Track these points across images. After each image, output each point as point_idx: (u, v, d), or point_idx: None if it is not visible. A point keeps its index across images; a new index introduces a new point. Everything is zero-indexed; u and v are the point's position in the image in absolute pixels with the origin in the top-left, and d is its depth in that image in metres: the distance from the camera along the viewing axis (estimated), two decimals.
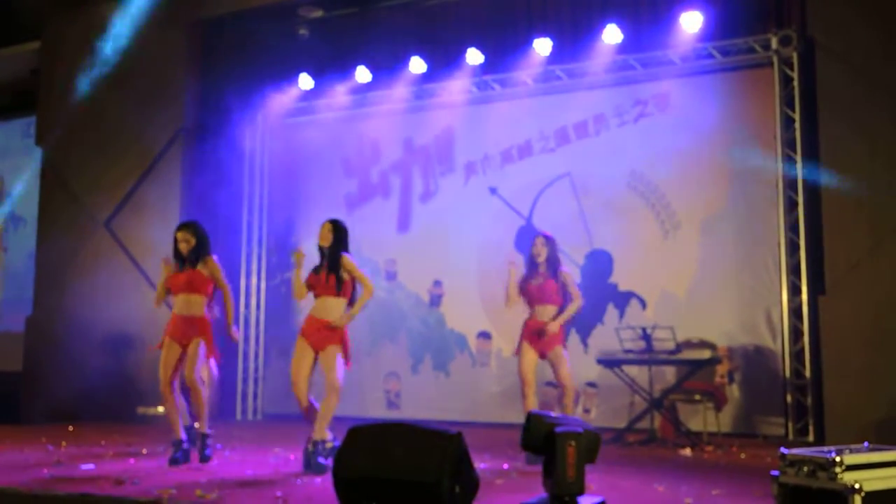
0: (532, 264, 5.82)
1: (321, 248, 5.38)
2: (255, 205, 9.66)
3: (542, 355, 5.72)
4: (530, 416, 3.77)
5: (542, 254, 5.76)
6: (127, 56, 9.33)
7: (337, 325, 5.21)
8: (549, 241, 5.80)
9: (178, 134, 9.25)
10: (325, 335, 5.22)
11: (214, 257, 5.64)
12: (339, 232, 5.37)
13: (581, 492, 3.58)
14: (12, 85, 11.20)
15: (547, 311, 5.72)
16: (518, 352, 5.77)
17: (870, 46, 6.76)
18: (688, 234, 7.73)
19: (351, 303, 5.37)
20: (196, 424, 5.60)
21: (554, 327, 5.65)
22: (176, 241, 5.61)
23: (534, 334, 5.71)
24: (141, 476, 4.78)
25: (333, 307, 5.28)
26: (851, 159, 6.75)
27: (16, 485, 4.43)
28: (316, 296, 5.34)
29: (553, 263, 5.76)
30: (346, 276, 5.30)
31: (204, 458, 5.46)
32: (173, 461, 5.36)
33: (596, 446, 3.74)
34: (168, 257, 5.68)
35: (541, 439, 3.64)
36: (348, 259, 5.33)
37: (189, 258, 5.57)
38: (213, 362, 5.91)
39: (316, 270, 5.36)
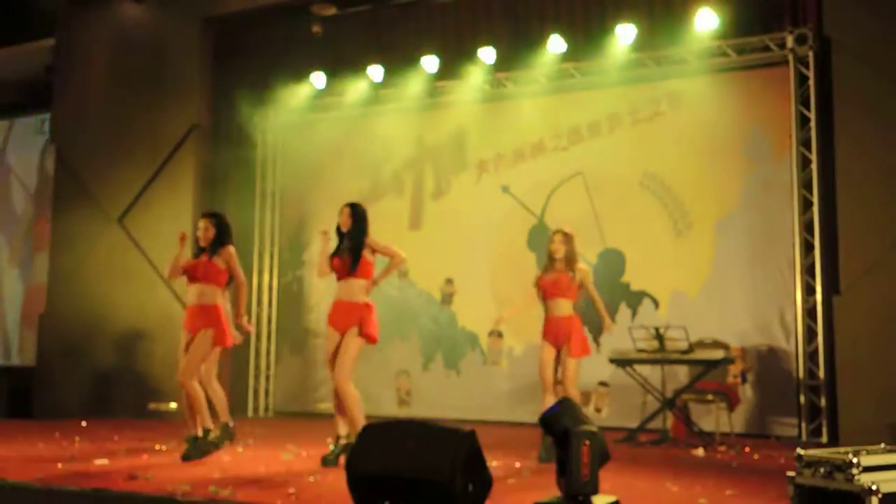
0: (549, 259, 5.79)
1: (340, 231, 5.38)
2: (267, 202, 9.67)
3: (558, 349, 5.67)
4: (565, 399, 3.80)
5: (559, 250, 5.72)
6: (141, 53, 9.37)
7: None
8: (567, 237, 5.77)
9: (190, 130, 9.27)
10: (347, 316, 5.23)
11: (232, 248, 5.65)
12: (357, 215, 5.37)
13: (595, 491, 3.56)
14: (27, 82, 11.25)
15: (559, 305, 5.68)
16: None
17: (886, 45, 6.71)
18: (701, 234, 7.70)
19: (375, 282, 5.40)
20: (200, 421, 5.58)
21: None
22: (196, 228, 5.66)
23: (550, 331, 5.68)
24: (154, 472, 4.79)
25: (355, 288, 5.28)
26: (867, 159, 6.71)
27: (29, 480, 4.45)
28: (339, 279, 5.36)
29: (571, 259, 5.73)
30: (368, 257, 5.30)
31: (184, 457, 5.34)
32: (186, 457, 5.37)
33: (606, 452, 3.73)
34: (183, 234, 5.75)
35: (560, 430, 3.63)
36: (373, 240, 5.34)
37: (208, 248, 5.59)
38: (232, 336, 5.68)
39: (338, 253, 5.35)
